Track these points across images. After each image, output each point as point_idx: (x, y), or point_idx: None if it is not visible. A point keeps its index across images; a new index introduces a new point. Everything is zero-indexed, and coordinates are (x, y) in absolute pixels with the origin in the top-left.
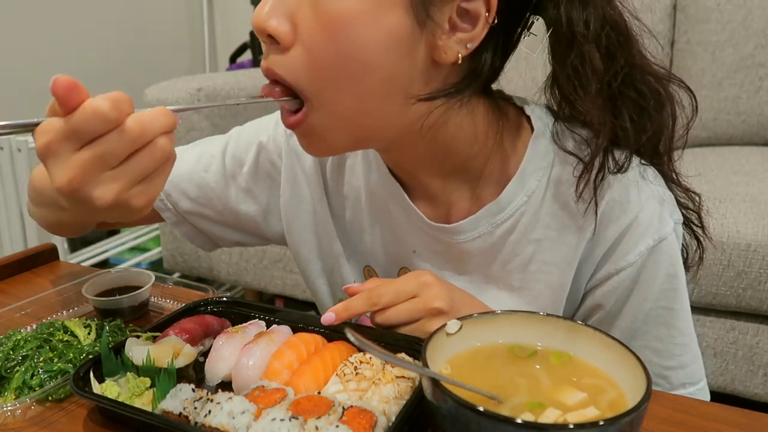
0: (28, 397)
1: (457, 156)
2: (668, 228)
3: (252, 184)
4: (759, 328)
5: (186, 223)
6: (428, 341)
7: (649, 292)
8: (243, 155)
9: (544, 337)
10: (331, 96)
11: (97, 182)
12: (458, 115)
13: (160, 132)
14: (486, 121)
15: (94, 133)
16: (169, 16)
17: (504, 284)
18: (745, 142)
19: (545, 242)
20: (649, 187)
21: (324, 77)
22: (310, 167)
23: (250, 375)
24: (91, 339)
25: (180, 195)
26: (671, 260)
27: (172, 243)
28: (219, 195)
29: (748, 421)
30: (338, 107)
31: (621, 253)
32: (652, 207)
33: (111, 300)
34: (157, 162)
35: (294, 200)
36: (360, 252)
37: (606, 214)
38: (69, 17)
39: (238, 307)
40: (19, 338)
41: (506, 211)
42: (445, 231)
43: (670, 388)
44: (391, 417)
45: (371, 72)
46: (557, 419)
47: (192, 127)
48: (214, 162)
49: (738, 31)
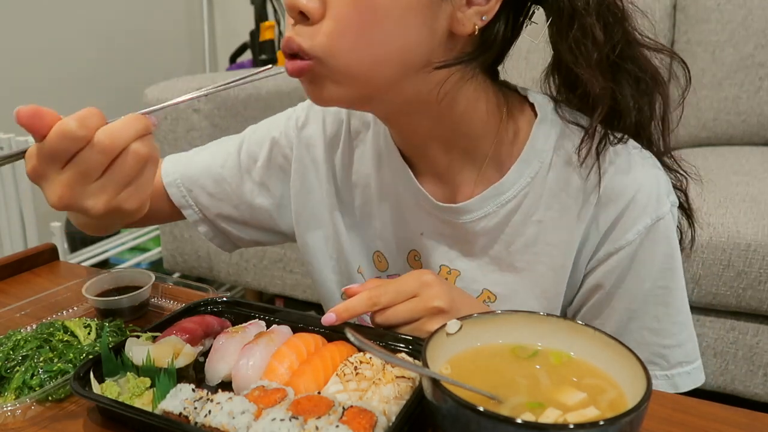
0: (28, 397)
1: (465, 135)
2: (665, 208)
3: (266, 178)
4: (759, 328)
5: (206, 221)
6: (428, 341)
7: (648, 272)
8: (257, 150)
9: (544, 337)
10: (347, 56)
11: (85, 195)
12: (468, 91)
13: (133, 138)
14: (492, 103)
15: (68, 152)
16: (169, 16)
17: (508, 266)
18: (745, 142)
19: (548, 223)
20: (646, 168)
21: (344, 43)
22: (319, 158)
23: (250, 375)
24: (91, 339)
25: (200, 190)
26: (668, 240)
27: (172, 243)
28: (235, 190)
29: (748, 421)
30: (352, 65)
31: (620, 232)
32: (650, 187)
33: (111, 300)
34: (136, 167)
35: (303, 190)
36: (369, 238)
37: (606, 194)
38: (69, 17)
39: (238, 307)
40: (19, 338)
41: (510, 191)
42: (451, 211)
43: (668, 366)
44: (391, 417)
45: (391, 40)
46: (557, 419)
47: (192, 127)
48: (230, 158)
49: (738, 31)
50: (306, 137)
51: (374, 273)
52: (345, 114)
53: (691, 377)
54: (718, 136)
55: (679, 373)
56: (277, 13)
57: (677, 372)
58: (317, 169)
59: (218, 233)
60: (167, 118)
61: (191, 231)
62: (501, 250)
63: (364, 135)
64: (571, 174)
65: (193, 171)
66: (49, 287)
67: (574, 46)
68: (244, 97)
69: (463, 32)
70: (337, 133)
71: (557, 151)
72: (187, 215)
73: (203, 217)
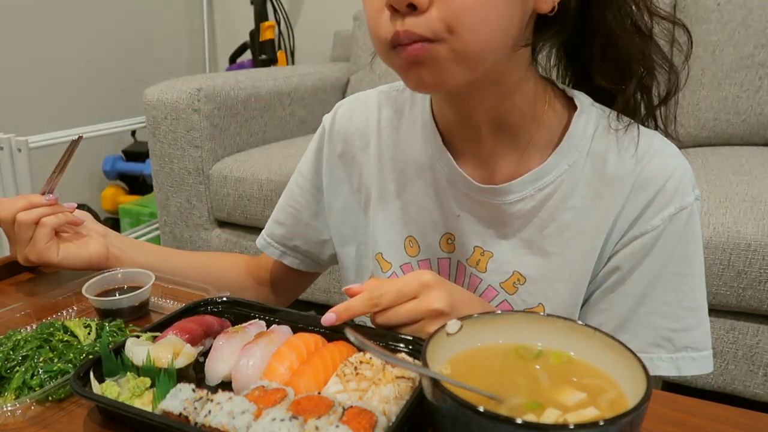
0: (28, 397)
1: (516, 118)
2: (690, 198)
3: (317, 181)
4: (759, 328)
5: (287, 252)
6: (428, 341)
7: (664, 258)
8: (304, 166)
9: (544, 337)
10: (471, 37)
11: (15, 251)
12: (525, 73)
13: (18, 211)
14: (540, 88)
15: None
16: (169, 16)
17: (539, 249)
18: (745, 142)
19: (581, 210)
20: (676, 158)
21: (467, 18)
22: (352, 150)
23: (250, 375)
24: (91, 339)
25: (274, 225)
26: (688, 229)
27: (172, 243)
28: (303, 203)
29: (748, 421)
30: (476, 44)
31: (647, 218)
32: (679, 177)
33: (111, 300)
34: (24, 231)
35: (333, 182)
36: (402, 223)
37: (638, 182)
38: (69, 17)
39: (238, 307)
40: (19, 338)
41: (548, 177)
42: (490, 192)
43: (673, 350)
44: (391, 417)
45: (501, 20)
46: (557, 419)
47: (192, 127)
48: (293, 183)
49: (738, 31)
50: (339, 128)
51: (403, 259)
52: (376, 105)
53: (696, 363)
54: (718, 136)
55: (684, 357)
56: (277, 13)
57: (682, 356)
58: (348, 162)
59: (303, 259)
60: (167, 118)
61: (191, 231)
62: (534, 233)
63: (398, 123)
64: (606, 163)
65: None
66: (48, 287)
67: (618, 12)
68: (244, 97)
69: (545, 10)
70: (368, 126)
71: (595, 141)
72: (269, 253)
73: (284, 250)
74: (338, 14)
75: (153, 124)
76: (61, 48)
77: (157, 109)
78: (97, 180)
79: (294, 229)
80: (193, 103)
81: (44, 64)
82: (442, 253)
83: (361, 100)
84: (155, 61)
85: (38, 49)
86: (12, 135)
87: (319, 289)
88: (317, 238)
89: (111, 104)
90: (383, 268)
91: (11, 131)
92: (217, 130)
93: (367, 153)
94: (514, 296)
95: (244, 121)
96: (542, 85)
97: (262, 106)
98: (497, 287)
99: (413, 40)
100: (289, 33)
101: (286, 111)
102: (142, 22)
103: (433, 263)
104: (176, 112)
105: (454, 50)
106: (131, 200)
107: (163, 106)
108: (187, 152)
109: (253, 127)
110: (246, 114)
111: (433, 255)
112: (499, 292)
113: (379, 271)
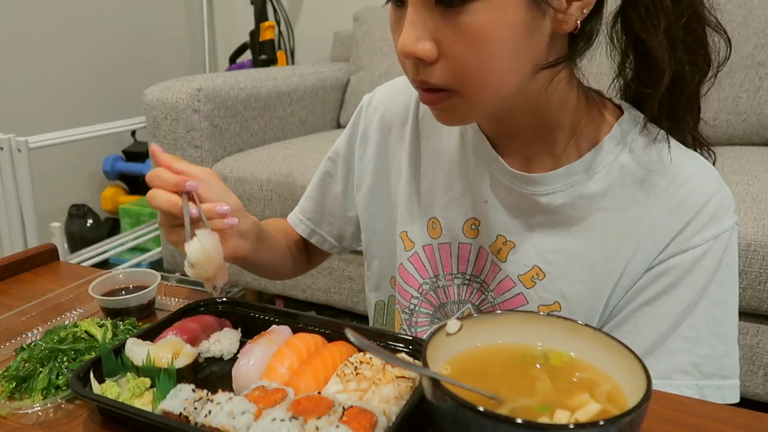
0: (58, 397)
1: (555, 126)
2: (730, 222)
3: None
4: (759, 328)
5: (315, 231)
6: (428, 341)
7: (704, 282)
8: (338, 142)
9: (544, 337)
10: (476, 89)
11: None
12: (563, 86)
13: None
14: (582, 98)
15: None
16: (169, 16)
17: (563, 246)
18: (745, 142)
19: (611, 213)
20: (715, 179)
21: (470, 76)
22: (382, 124)
23: (250, 375)
24: (109, 337)
25: (305, 200)
26: (727, 252)
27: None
28: (334, 176)
29: (748, 421)
30: (481, 96)
31: (687, 236)
32: (720, 199)
33: (119, 299)
34: None
35: (366, 157)
36: (427, 203)
37: (678, 198)
38: (69, 17)
39: (238, 307)
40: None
41: (581, 175)
42: (523, 179)
43: (699, 377)
44: (391, 417)
45: (510, 62)
46: (557, 419)
47: (192, 127)
48: (326, 160)
49: (738, 31)
50: (375, 110)
51: (426, 240)
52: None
53: (720, 392)
54: (718, 136)
55: (710, 386)
56: (276, 13)
57: (707, 384)
58: (382, 139)
59: (326, 239)
60: (167, 118)
61: None
62: (561, 229)
63: None
64: (644, 171)
65: None
66: (49, 288)
67: (643, 13)
68: (244, 97)
69: (566, 30)
70: (408, 104)
71: (632, 146)
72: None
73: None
74: (338, 14)
75: (153, 125)
76: (61, 48)
77: (157, 109)
78: (97, 180)
79: (323, 201)
80: (193, 103)
81: (44, 64)
82: (465, 239)
83: (403, 81)
84: (155, 61)
85: (38, 50)
86: (12, 135)
87: (319, 289)
88: (344, 214)
89: (111, 104)
90: (406, 246)
91: (11, 131)
92: (217, 130)
93: (402, 130)
94: (531, 291)
95: (244, 121)
96: (583, 94)
97: (262, 106)
98: (515, 279)
99: (428, 89)
100: (289, 33)
101: (286, 111)
102: (142, 23)
103: (454, 247)
104: (176, 113)
105: (465, 100)
106: (131, 200)
107: (163, 106)
108: (187, 152)
109: (253, 127)
110: (246, 114)
111: (454, 239)
112: (516, 284)
113: (403, 250)
